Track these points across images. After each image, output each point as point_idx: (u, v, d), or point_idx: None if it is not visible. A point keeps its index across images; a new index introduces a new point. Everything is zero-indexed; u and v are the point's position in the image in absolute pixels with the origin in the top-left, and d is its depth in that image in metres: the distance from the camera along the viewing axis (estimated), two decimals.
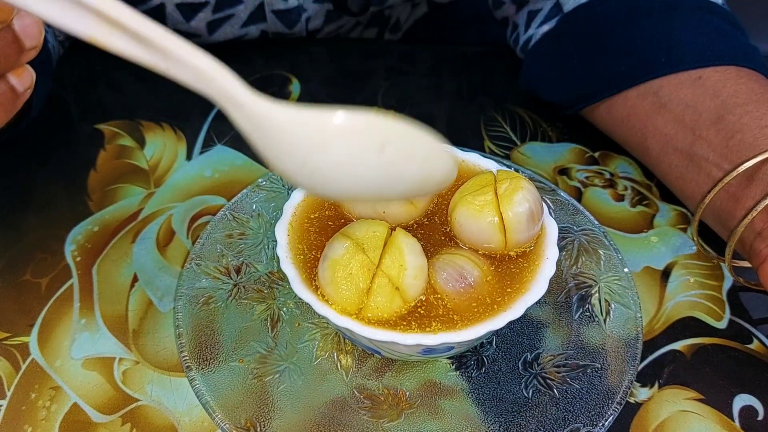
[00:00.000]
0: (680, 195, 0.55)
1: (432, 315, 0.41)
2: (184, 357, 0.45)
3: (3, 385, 0.46)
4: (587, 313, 0.48)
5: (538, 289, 0.41)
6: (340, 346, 0.47)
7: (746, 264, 0.50)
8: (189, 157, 0.61)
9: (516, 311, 0.40)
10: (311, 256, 0.43)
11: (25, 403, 0.45)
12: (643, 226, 0.57)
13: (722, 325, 0.50)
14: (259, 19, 0.68)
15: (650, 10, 0.57)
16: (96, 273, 0.52)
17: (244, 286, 0.50)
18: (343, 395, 0.44)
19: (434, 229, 0.45)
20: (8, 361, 0.47)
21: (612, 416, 0.43)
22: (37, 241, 0.54)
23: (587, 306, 0.49)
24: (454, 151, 0.32)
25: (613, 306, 0.49)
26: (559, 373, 0.45)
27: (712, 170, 0.50)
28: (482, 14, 0.75)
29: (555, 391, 0.45)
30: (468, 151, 0.50)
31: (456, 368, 0.46)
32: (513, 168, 0.56)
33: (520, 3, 0.66)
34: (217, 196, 0.57)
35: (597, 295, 0.49)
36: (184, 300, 0.48)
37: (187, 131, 0.63)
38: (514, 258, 0.43)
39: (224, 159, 0.61)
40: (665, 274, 0.53)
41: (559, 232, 0.45)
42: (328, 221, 0.45)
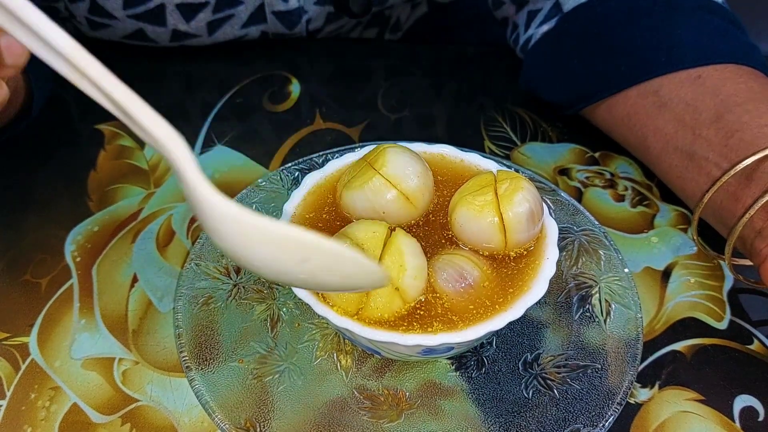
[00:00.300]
0: (681, 194, 0.55)
1: (432, 315, 0.41)
2: (183, 357, 0.45)
3: (3, 385, 0.46)
4: (587, 314, 0.48)
5: (538, 289, 0.41)
6: (339, 346, 0.47)
7: (747, 262, 0.50)
8: None
9: (516, 312, 0.40)
10: None
11: (24, 403, 0.45)
12: (644, 226, 0.57)
13: (723, 325, 0.50)
14: (259, 20, 0.68)
15: (650, 9, 0.57)
16: (96, 273, 0.52)
17: (243, 286, 0.50)
18: (342, 395, 0.44)
19: (434, 230, 0.45)
20: (8, 362, 0.47)
21: (612, 417, 0.43)
22: (37, 241, 0.54)
23: (587, 306, 0.49)
24: (378, 270, 0.36)
25: (613, 306, 0.49)
26: (559, 373, 0.45)
27: (712, 170, 0.50)
28: (482, 14, 0.75)
29: (555, 391, 0.44)
30: (468, 151, 0.50)
31: (456, 369, 0.46)
32: (513, 168, 0.56)
33: (520, 3, 0.66)
34: None
35: (597, 295, 0.49)
36: (184, 300, 0.48)
37: (187, 131, 0.63)
38: (514, 258, 0.43)
39: (224, 159, 0.61)
40: (666, 274, 0.53)
41: (559, 233, 0.44)
42: (327, 222, 0.45)
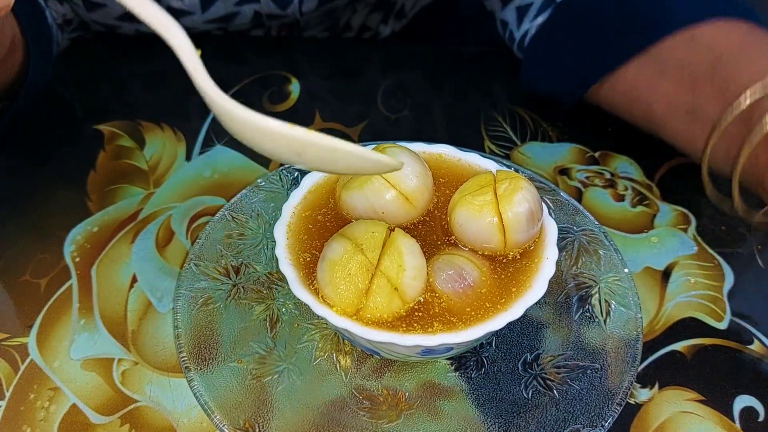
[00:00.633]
0: (694, 155, 0.55)
1: (431, 316, 0.40)
2: (183, 357, 0.45)
3: (2, 385, 0.46)
4: (587, 314, 0.48)
5: (537, 289, 0.41)
6: (339, 346, 0.47)
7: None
8: (188, 157, 0.61)
9: (515, 312, 0.40)
10: (310, 257, 0.43)
11: (23, 403, 0.45)
12: (644, 226, 0.56)
13: (723, 325, 0.50)
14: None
15: None
16: (95, 273, 0.52)
17: (243, 287, 0.50)
18: (342, 396, 0.44)
19: (433, 230, 0.45)
20: (7, 362, 0.47)
21: (612, 417, 0.43)
22: (37, 241, 0.54)
23: (587, 306, 0.49)
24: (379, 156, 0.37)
25: (613, 306, 0.48)
26: (558, 373, 0.45)
27: (715, 122, 0.50)
28: (487, 11, 0.75)
29: (555, 392, 0.44)
30: (468, 151, 0.50)
31: (455, 369, 0.46)
32: (513, 168, 0.56)
33: None
34: (216, 196, 0.57)
35: (597, 295, 0.49)
36: (183, 300, 0.48)
37: (187, 132, 0.63)
38: (513, 258, 0.43)
39: (224, 159, 0.60)
40: (666, 274, 0.53)
41: (558, 233, 0.44)
42: (327, 222, 0.45)
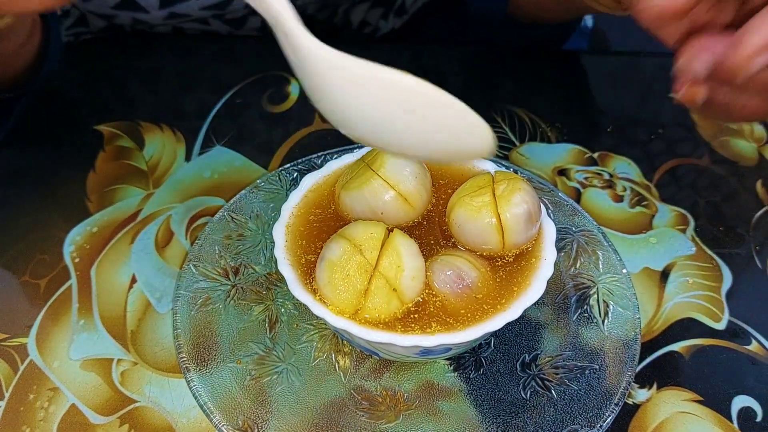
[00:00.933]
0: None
1: (430, 316, 0.41)
2: (182, 358, 0.45)
3: (1, 386, 0.46)
4: (585, 315, 0.48)
5: (536, 290, 0.41)
6: (338, 347, 0.47)
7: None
8: (188, 158, 0.61)
9: (514, 312, 0.40)
10: (309, 258, 0.43)
11: (23, 404, 0.45)
12: (642, 227, 0.57)
13: (721, 326, 0.50)
14: None
15: None
16: (95, 274, 0.52)
17: (242, 287, 0.50)
18: (341, 396, 0.44)
19: (432, 231, 0.45)
20: (6, 362, 0.47)
21: (610, 417, 0.43)
22: (36, 241, 0.54)
23: (585, 307, 0.49)
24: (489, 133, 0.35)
25: (611, 307, 0.49)
26: (557, 374, 0.45)
27: None
28: (488, 14, 0.75)
29: (553, 392, 0.45)
30: None
31: (454, 369, 0.46)
32: (511, 169, 0.56)
33: None
34: (215, 197, 0.57)
35: (595, 296, 0.49)
36: (183, 301, 0.48)
37: (186, 132, 0.63)
38: (512, 259, 0.43)
39: (223, 160, 0.61)
40: (664, 275, 0.53)
41: (557, 233, 0.45)
42: (325, 223, 0.45)
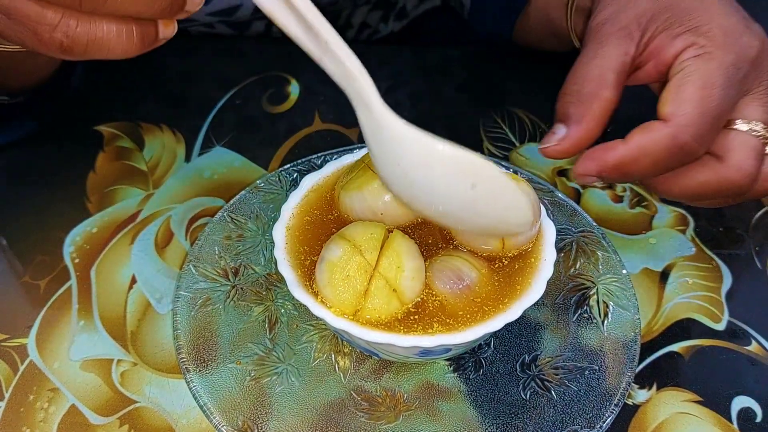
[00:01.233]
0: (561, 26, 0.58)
1: (429, 317, 0.41)
2: (182, 359, 0.45)
3: (1, 386, 0.46)
4: (585, 315, 0.48)
5: (535, 290, 0.41)
6: (338, 347, 0.47)
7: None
8: (188, 158, 0.61)
9: (513, 313, 0.40)
10: (309, 258, 0.43)
11: (23, 404, 0.45)
12: (642, 227, 0.57)
13: (721, 326, 0.50)
14: None
15: None
16: (94, 274, 0.52)
17: (242, 288, 0.50)
18: (340, 397, 0.44)
19: (431, 231, 0.45)
20: (6, 363, 0.47)
21: (610, 418, 0.43)
22: (36, 242, 0.54)
23: (585, 308, 0.49)
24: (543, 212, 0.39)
25: (611, 308, 0.49)
26: (556, 374, 0.45)
27: None
28: (493, 39, 0.75)
29: (553, 393, 0.45)
30: None
31: (454, 370, 0.46)
32: (511, 169, 0.56)
33: None
34: (215, 197, 0.57)
35: (595, 296, 0.49)
36: (182, 302, 0.48)
37: (186, 133, 0.63)
38: (511, 259, 0.43)
39: (223, 161, 0.61)
40: (664, 275, 0.53)
41: (557, 234, 0.44)
42: (325, 223, 0.45)
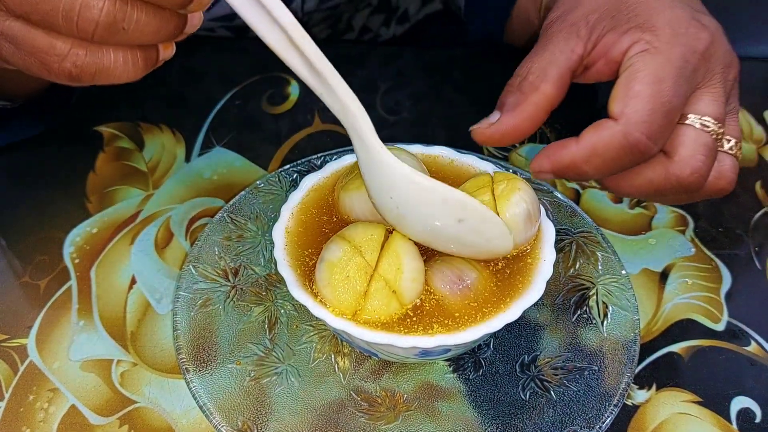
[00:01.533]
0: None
1: (429, 317, 0.41)
2: (181, 359, 0.45)
3: (1, 386, 0.46)
4: (585, 316, 0.48)
5: (535, 291, 0.41)
6: (337, 348, 0.47)
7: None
8: (188, 159, 0.61)
9: (513, 313, 0.40)
10: (308, 259, 0.43)
11: (23, 404, 0.45)
12: (642, 227, 0.57)
13: (720, 327, 0.50)
14: None
15: None
16: (94, 275, 0.52)
17: (241, 288, 0.50)
18: (340, 397, 0.44)
19: None
20: (6, 363, 0.47)
21: (609, 419, 0.43)
22: (36, 242, 0.54)
23: (585, 308, 0.49)
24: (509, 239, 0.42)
25: (610, 308, 0.49)
26: (556, 375, 0.45)
27: None
28: (486, 39, 0.75)
29: (552, 393, 0.45)
30: (466, 153, 0.50)
31: (453, 370, 0.46)
32: (511, 170, 0.56)
33: None
34: (215, 198, 0.57)
35: (595, 297, 0.49)
36: (182, 302, 0.48)
37: (186, 133, 0.63)
38: (511, 260, 0.43)
39: (223, 161, 0.61)
40: (663, 276, 0.53)
41: (556, 234, 0.45)
42: (325, 224, 0.45)
